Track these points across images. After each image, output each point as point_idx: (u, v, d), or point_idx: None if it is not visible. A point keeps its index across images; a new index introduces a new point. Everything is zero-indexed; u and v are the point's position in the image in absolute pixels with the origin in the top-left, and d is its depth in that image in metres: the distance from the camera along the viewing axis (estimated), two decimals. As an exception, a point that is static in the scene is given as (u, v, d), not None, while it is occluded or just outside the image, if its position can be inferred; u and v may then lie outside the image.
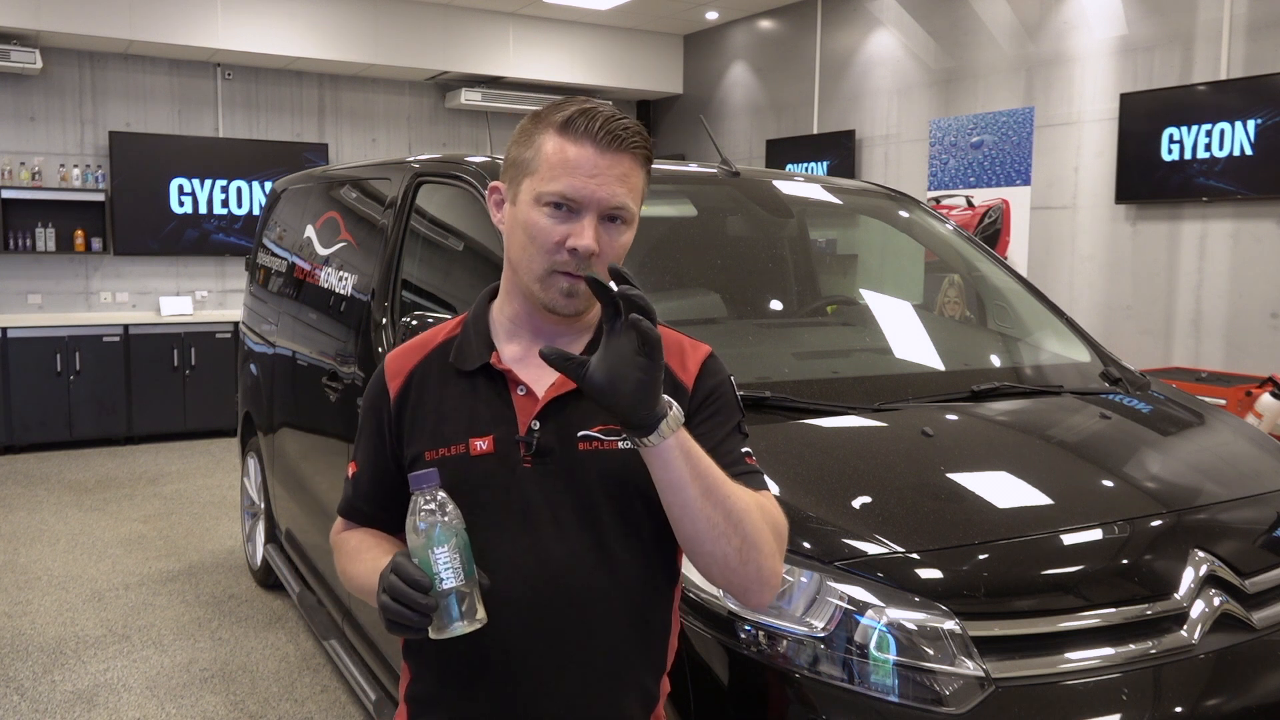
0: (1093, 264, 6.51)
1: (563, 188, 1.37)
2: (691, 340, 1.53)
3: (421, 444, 1.46)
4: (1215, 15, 5.81)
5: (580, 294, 1.39)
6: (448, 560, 1.27)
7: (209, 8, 8.00)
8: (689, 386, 1.47)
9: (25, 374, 7.70)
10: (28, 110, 8.19)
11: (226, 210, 8.75)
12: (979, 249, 3.52)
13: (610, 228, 1.40)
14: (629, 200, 1.40)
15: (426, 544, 1.28)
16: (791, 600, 1.88)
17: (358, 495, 1.57)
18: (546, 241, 1.38)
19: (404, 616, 1.28)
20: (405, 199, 3.37)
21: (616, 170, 1.38)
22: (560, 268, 1.39)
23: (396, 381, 1.51)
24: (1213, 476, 2.46)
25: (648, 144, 1.43)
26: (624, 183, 1.39)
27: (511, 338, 1.49)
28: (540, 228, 1.38)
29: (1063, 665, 1.89)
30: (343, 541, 1.58)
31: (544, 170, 1.39)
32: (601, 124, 1.38)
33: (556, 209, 1.38)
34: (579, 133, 1.38)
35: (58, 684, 3.87)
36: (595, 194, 1.37)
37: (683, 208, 3.25)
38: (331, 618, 3.77)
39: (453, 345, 1.51)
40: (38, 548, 5.50)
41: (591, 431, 1.43)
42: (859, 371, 2.84)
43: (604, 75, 9.73)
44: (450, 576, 1.27)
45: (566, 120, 1.39)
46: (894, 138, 7.94)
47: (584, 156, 1.37)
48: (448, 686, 1.48)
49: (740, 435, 1.49)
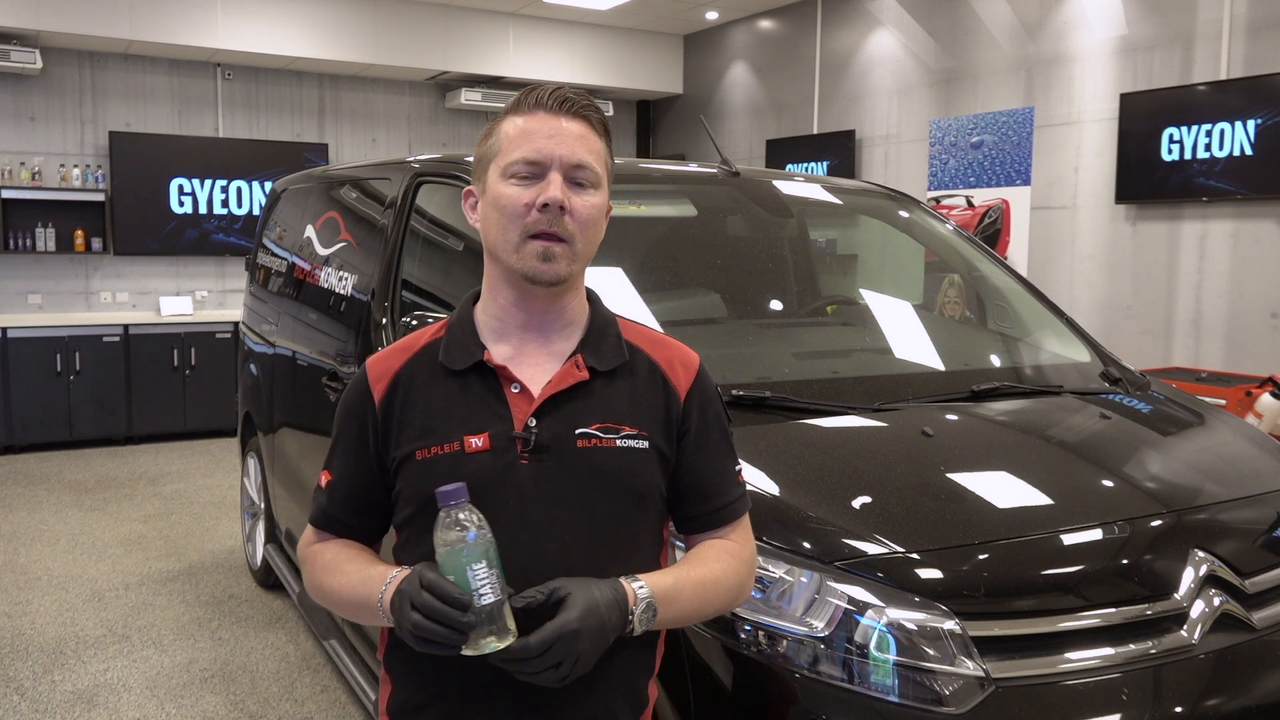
0: (1093, 264, 6.51)
1: (524, 153, 1.41)
2: (683, 347, 1.57)
3: (411, 444, 1.45)
4: (1215, 15, 5.81)
5: (557, 256, 1.41)
6: (485, 576, 1.26)
7: (209, 8, 8.00)
8: (681, 394, 1.51)
9: (25, 374, 7.70)
10: (28, 110, 8.19)
11: (226, 210, 8.75)
12: (979, 249, 3.51)
13: (577, 190, 1.42)
14: (590, 159, 1.43)
15: (465, 561, 1.26)
16: (791, 600, 1.89)
17: (334, 504, 1.53)
18: (516, 206, 1.41)
19: (442, 636, 1.27)
20: (405, 199, 3.37)
21: (573, 131, 1.42)
22: (533, 229, 1.41)
23: (381, 384, 1.50)
24: (1213, 476, 2.46)
25: (600, 113, 1.47)
26: (582, 143, 1.43)
27: (500, 337, 1.50)
28: (509, 196, 1.42)
29: (1063, 665, 1.89)
30: (316, 554, 1.54)
31: (505, 147, 1.44)
32: (550, 93, 1.44)
33: (522, 178, 1.41)
34: (531, 105, 1.44)
35: (58, 684, 3.87)
36: (555, 151, 1.41)
37: (683, 208, 3.25)
38: (331, 618, 3.77)
39: (439, 346, 1.51)
40: (38, 548, 5.50)
41: (590, 429, 1.44)
42: (859, 371, 2.84)
43: (604, 75, 9.73)
44: (489, 593, 1.26)
45: (516, 101, 1.46)
46: (894, 138, 7.94)
47: (539, 122, 1.42)
48: (438, 695, 1.46)
49: (730, 452, 1.57)
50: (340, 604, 1.48)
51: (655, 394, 1.49)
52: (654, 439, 1.47)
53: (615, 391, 1.47)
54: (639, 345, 1.53)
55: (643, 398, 1.48)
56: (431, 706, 1.46)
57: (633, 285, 2.77)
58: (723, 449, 1.55)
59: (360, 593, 1.41)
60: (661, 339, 1.57)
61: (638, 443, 1.45)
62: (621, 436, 1.44)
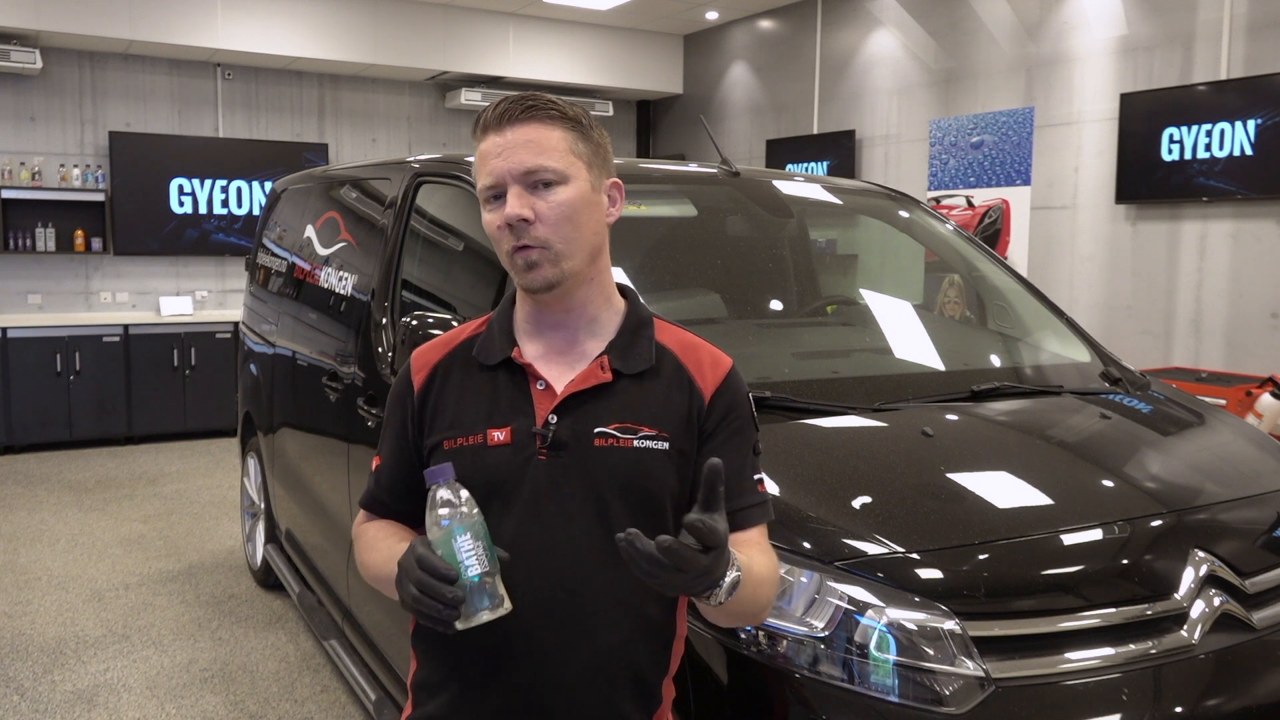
0: (1093, 264, 6.51)
1: (485, 180, 1.46)
2: (716, 350, 1.57)
3: (441, 433, 1.50)
4: (1215, 15, 5.81)
5: (537, 263, 1.44)
6: (470, 549, 1.31)
7: (209, 8, 8.00)
8: (706, 396, 1.51)
9: (25, 374, 7.70)
10: (28, 110, 8.19)
11: (226, 210, 8.75)
12: (979, 249, 3.51)
13: (542, 192, 1.44)
14: (542, 160, 1.43)
15: (448, 535, 1.31)
16: (791, 600, 1.89)
17: (379, 487, 1.61)
18: (493, 230, 1.47)
19: (434, 609, 1.30)
20: (405, 199, 3.37)
21: (520, 139, 1.44)
22: (510, 246, 1.45)
23: (421, 375, 1.56)
24: (1213, 476, 2.46)
25: (554, 106, 1.46)
26: (531, 148, 1.44)
27: (532, 337, 1.54)
28: (488, 222, 1.47)
29: (1063, 665, 1.89)
30: (361, 534, 1.62)
31: (477, 173, 1.48)
32: (496, 108, 1.46)
33: (493, 200, 1.46)
34: (484, 127, 1.47)
35: (58, 684, 3.87)
36: (503, 168, 1.44)
37: (683, 208, 3.25)
38: (331, 618, 3.77)
39: (477, 341, 1.56)
40: (38, 548, 5.50)
41: (608, 429, 1.46)
42: (859, 371, 2.84)
43: (604, 75, 9.73)
44: (474, 565, 1.31)
45: (476, 122, 1.49)
46: (894, 138, 7.94)
47: (488, 145, 1.46)
48: (451, 673, 1.50)
49: (755, 457, 1.55)
50: (377, 579, 1.54)
51: (679, 394, 1.50)
52: (675, 439, 1.48)
53: (639, 392, 1.49)
54: (670, 347, 1.54)
55: (666, 398, 1.50)
56: (447, 684, 1.51)
57: (633, 285, 2.77)
58: (743, 453, 1.53)
59: (386, 570, 1.46)
60: (695, 342, 1.57)
61: (656, 444, 1.46)
62: (640, 437, 1.46)
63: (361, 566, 1.60)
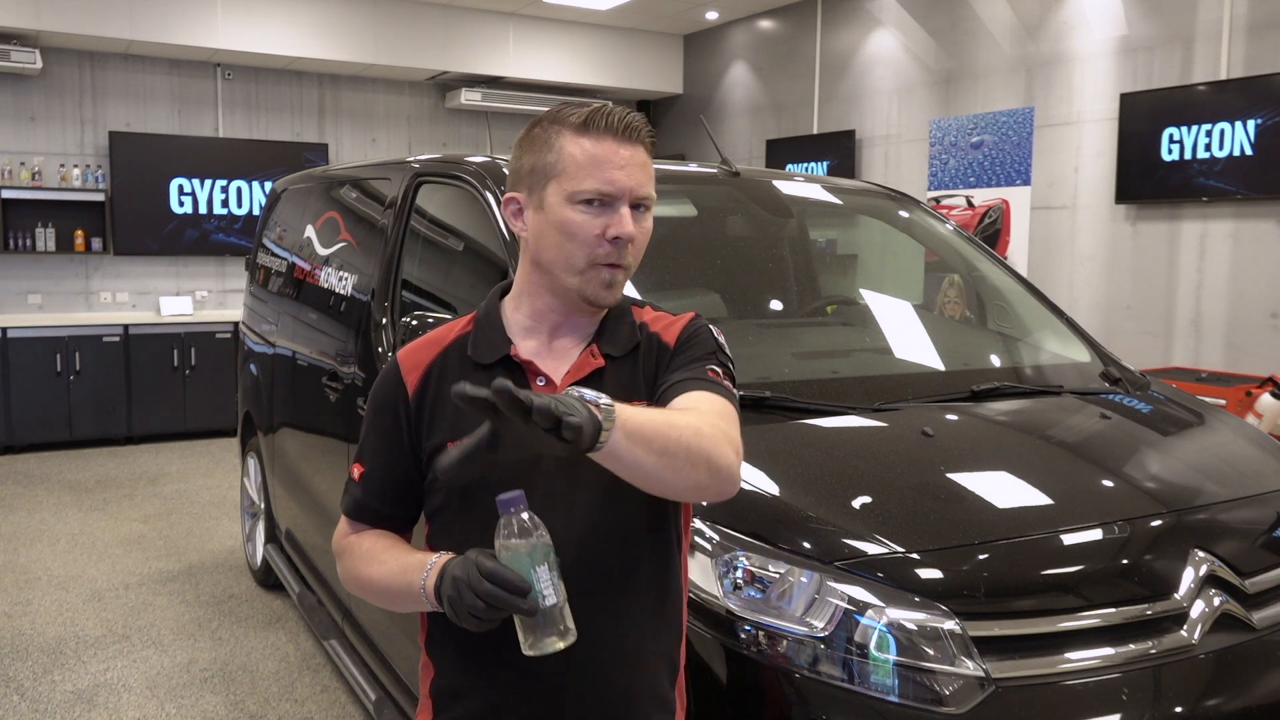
0: (1093, 264, 6.51)
1: (597, 184, 1.44)
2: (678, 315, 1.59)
3: (443, 434, 1.49)
4: (1215, 15, 5.81)
5: (618, 282, 1.48)
6: (548, 579, 1.31)
7: (209, 8, 8.00)
8: (671, 343, 1.54)
9: (25, 374, 7.70)
10: (28, 110, 8.19)
11: (226, 210, 8.75)
12: (979, 249, 3.51)
13: (638, 215, 1.48)
14: (649, 189, 1.49)
15: (528, 565, 1.30)
16: (791, 600, 1.89)
17: (368, 494, 1.57)
18: (587, 236, 1.45)
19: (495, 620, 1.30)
20: (405, 199, 3.37)
21: (638, 160, 1.47)
22: (602, 260, 1.46)
23: (415, 375, 1.54)
24: (1213, 476, 2.46)
25: (654, 134, 1.52)
26: (645, 171, 1.48)
27: (528, 334, 1.54)
28: (578, 224, 1.45)
29: (1063, 665, 1.89)
30: (352, 545, 1.58)
31: (572, 170, 1.45)
32: (619, 119, 1.46)
33: (590, 205, 1.44)
34: (600, 129, 1.45)
35: (58, 684, 3.87)
36: (626, 184, 1.45)
37: (683, 208, 3.25)
38: (331, 618, 3.77)
39: (468, 340, 1.55)
40: (38, 548, 5.50)
41: None
42: (859, 371, 2.84)
43: (604, 75, 9.73)
44: (551, 595, 1.31)
45: (585, 121, 1.46)
46: (894, 138, 7.94)
47: (609, 151, 1.45)
48: (474, 677, 1.50)
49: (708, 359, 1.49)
50: (379, 592, 1.51)
51: (654, 359, 1.54)
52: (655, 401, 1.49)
53: (630, 370, 1.52)
54: (647, 323, 1.57)
55: (646, 370, 1.53)
56: (473, 691, 1.51)
57: (633, 285, 2.77)
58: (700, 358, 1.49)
59: (400, 581, 1.44)
60: (670, 317, 1.59)
61: None
62: None
63: (355, 579, 1.56)
